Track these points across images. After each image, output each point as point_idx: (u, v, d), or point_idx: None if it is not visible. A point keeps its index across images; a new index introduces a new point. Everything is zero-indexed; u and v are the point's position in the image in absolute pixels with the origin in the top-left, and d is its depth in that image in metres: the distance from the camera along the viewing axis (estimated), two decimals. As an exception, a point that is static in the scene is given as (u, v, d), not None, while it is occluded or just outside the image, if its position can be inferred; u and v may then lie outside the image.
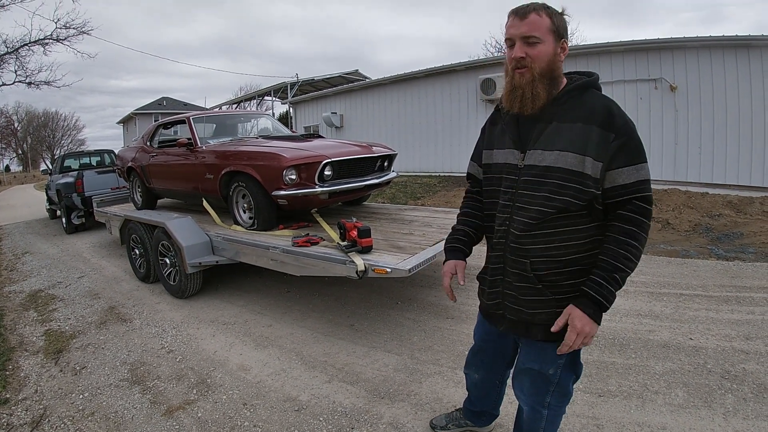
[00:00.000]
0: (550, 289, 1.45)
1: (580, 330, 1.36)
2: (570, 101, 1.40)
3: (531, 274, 1.45)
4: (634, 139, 1.34)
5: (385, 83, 13.05)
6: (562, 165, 1.35)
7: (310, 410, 2.52)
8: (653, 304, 3.72)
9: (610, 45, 8.63)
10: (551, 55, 1.37)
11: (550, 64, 1.38)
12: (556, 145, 1.37)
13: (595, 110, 1.36)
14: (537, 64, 1.36)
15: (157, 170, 5.56)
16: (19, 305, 4.73)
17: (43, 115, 50.90)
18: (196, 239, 4.22)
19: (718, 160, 7.78)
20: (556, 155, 1.36)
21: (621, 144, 1.32)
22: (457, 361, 2.94)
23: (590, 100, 1.39)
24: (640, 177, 1.33)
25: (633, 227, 1.34)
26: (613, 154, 1.32)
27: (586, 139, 1.33)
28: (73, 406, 2.72)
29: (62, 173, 9.71)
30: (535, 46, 1.36)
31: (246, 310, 4.08)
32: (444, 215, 4.71)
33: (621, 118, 1.34)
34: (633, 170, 1.33)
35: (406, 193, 9.65)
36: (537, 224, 1.41)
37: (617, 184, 1.35)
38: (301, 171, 3.91)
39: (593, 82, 1.44)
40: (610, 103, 1.38)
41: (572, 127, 1.36)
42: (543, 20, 1.35)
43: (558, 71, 1.41)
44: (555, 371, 1.55)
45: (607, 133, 1.32)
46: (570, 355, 1.52)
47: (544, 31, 1.35)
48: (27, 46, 15.62)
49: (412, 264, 2.90)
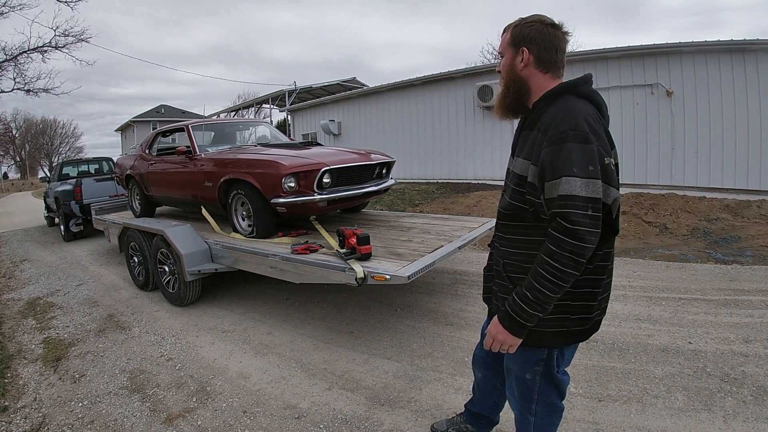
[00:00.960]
0: None
1: (493, 335, 1.45)
2: (542, 108, 1.42)
3: (504, 273, 1.54)
4: (563, 150, 1.25)
5: (383, 91, 13.10)
6: (517, 171, 1.45)
7: (311, 418, 2.52)
8: (652, 309, 3.73)
9: (606, 51, 8.69)
10: (509, 66, 1.49)
11: (510, 74, 1.49)
12: (523, 152, 1.45)
13: (548, 116, 1.35)
14: (502, 75, 1.53)
15: (156, 178, 5.56)
16: (17, 313, 4.71)
17: (42, 123, 51.02)
18: (195, 247, 4.22)
19: (715, 164, 7.82)
20: (519, 162, 1.45)
21: (547, 153, 1.29)
22: (457, 368, 2.94)
23: (554, 107, 1.36)
24: (561, 191, 1.24)
25: (552, 246, 1.27)
26: (542, 164, 1.31)
27: (533, 146, 1.38)
28: (73, 414, 2.71)
29: (61, 181, 9.71)
30: (501, 60, 1.54)
31: (245, 318, 4.07)
32: (442, 222, 4.72)
33: (558, 125, 1.28)
34: (556, 184, 1.26)
35: (404, 200, 9.66)
36: (502, 227, 1.55)
37: (547, 197, 1.31)
38: (300, 179, 3.93)
39: (568, 86, 1.40)
40: (564, 108, 1.33)
41: (530, 134, 1.42)
42: (505, 36, 1.51)
43: (524, 80, 1.47)
44: (533, 377, 1.58)
45: (543, 140, 1.33)
46: (546, 364, 1.55)
47: (504, 46, 1.51)
48: (26, 53, 15.65)
49: (411, 271, 2.90)
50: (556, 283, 1.28)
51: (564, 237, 1.24)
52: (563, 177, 1.24)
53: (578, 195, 1.22)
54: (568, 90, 1.40)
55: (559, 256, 1.25)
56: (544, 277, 1.29)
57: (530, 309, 1.33)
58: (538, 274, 1.30)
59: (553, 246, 1.26)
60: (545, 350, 1.53)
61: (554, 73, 1.45)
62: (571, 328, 1.46)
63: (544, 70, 1.44)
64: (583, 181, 1.22)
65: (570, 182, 1.23)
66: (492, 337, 1.45)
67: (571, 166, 1.23)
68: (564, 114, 1.30)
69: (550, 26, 1.43)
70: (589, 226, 1.23)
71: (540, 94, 1.44)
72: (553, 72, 1.45)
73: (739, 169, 7.61)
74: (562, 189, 1.24)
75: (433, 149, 11.98)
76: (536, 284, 1.31)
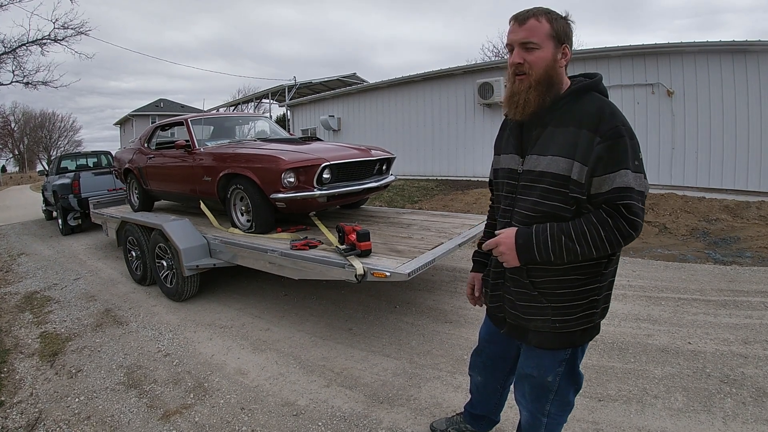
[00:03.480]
0: (546, 297, 1.45)
1: (501, 242, 1.42)
2: (567, 105, 1.38)
3: (527, 280, 1.47)
4: (621, 145, 1.27)
5: (383, 87, 13.06)
6: (553, 170, 1.35)
7: (309, 415, 2.50)
8: (651, 309, 3.72)
9: (607, 50, 8.66)
10: (549, 61, 1.35)
11: (548, 70, 1.36)
12: (549, 149, 1.36)
13: (587, 113, 1.33)
14: (534, 70, 1.36)
15: (155, 172, 5.53)
16: (14, 307, 4.68)
17: (40, 116, 50.77)
18: (194, 242, 4.20)
19: (715, 164, 7.81)
20: (549, 160, 1.36)
21: (604, 148, 1.27)
22: (456, 366, 2.93)
23: (587, 103, 1.36)
24: (618, 184, 1.26)
25: (608, 218, 1.28)
26: (596, 159, 1.28)
27: (575, 143, 1.31)
28: (69, 409, 2.69)
29: (59, 174, 9.66)
30: (533, 51, 1.35)
31: (243, 314, 4.06)
32: (442, 219, 4.70)
33: (610, 121, 1.29)
34: (613, 177, 1.27)
35: (403, 197, 9.65)
36: None
37: (599, 191, 1.30)
38: (300, 174, 3.90)
39: (594, 84, 1.41)
40: (604, 105, 1.34)
41: (565, 131, 1.34)
42: (542, 26, 1.34)
43: (557, 77, 1.39)
44: (554, 379, 1.55)
45: (593, 137, 1.29)
46: (569, 363, 1.53)
47: (542, 36, 1.34)
48: (25, 46, 15.59)
49: (411, 268, 2.89)
50: (590, 248, 1.30)
51: (623, 221, 1.26)
52: (622, 170, 1.26)
53: (633, 188, 1.26)
54: (593, 87, 1.40)
55: (609, 231, 1.27)
56: (584, 236, 1.30)
57: (550, 248, 1.34)
58: (581, 230, 1.30)
59: (609, 219, 1.27)
60: (569, 350, 1.51)
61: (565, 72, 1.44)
62: (596, 322, 1.48)
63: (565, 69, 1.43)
64: (635, 175, 1.27)
65: (627, 175, 1.26)
66: (498, 243, 1.43)
67: (627, 160, 1.27)
68: (611, 110, 1.32)
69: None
70: (642, 219, 1.28)
71: (560, 91, 1.40)
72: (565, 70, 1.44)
73: (739, 169, 7.60)
74: (620, 181, 1.26)
75: (432, 146, 11.95)
76: (573, 236, 1.31)
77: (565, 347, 1.49)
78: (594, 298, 1.43)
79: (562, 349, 1.50)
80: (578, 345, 1.50)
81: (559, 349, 1.50)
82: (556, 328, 1.45)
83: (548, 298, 1.44)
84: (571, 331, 1.45)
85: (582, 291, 1.41)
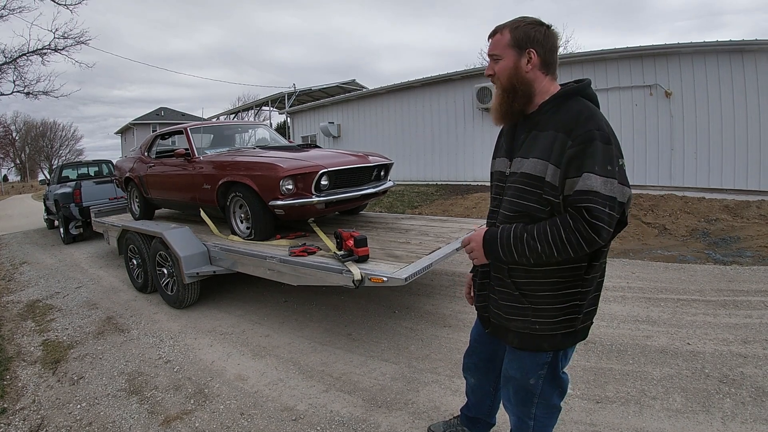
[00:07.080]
0: (527, 298, 1.47)
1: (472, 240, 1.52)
2: (552, 109, 1.42)
3: (509, 280, 1.50)
4: (590, 148, 1.28)
5: (382, 93, 13.12)
6: (529, 171, 1.40)
7: (308, 420, 2.51)
8: (650, 310, 3.72)
9: (605, 52, 8.70)
10: (511, 69, 1.44)
11: (511, 78, 1.44)
12: (532, 152, 1.41)
13: (566, 117, 1.36)
14: (500, 79, 1.47)
15: (155, 180, 5.57)
16: (16, 315, 4.71)
17: (41, 125, 51.09)
18: (194, 249, 4.22)
19: (714, 164, 7.82)
20: (531, 163, 1.40)
21: (574, 152, 1.29)
22: (455, 370, 2.93)
23: (569, 108, 1.38)
24: (581, 187, 1.27)
25: (570, 220, 1.28)
26: (567, 162, 1.31)
27: (551, 146, 1.35)
28: (71, 416, 2.71)
29: (60, 183, 9.71)
30: (498, 62, 1.47)
31: (243, 320, 4.07)
32: (441, 224, 4.72)
33: (584, 125, 1.31)
34: (578, 180, 1.28)
35: (403, 202, 9.67)
36: None
37: (566, 194, 1.32)
38: (298, 181, 3.93)
39: (579, 89, 1.43)
40: (584, 109, 1.36)
41: (546, 135, 1.39)
42: (503, 37, 1.45)
43: (525, 83, 1.44)
44: (536, 381, 1.56)
45: (566, 140, 1.32)
46: (551, 367, 1.54)
47: (502, 47, 1.45)
48: (25, 56, 15.71)
49: (409, 273, 2.90)
50: (551, 249, 1.31)
51: (584, 224, 1.26)
52: (585, 173, 1.27)
53: (599, 192, 1.25)
54: (579, 92, 1.42)
55: (570, 233, 1.28)
56: (545, 235, 1.31)
57: (512, 246, 1.38)
58: (543, 230, 1.32)
59: (571, 221, 1.28)
60: (550, 353, 1.52)
61: (552, 75, 1.46)
62: (578, 327, 1.48)
63: (545, 72, 1.44)
64: (602, 180, 1.26)
65: (591, 178, 1.26)
66: (470, 240, 1.52)
67: (594, 164, 1.27)
68: (588, 114, 1.34)
69: (548, 27, 1.44)
70: (606, 224, 1.26)
71: (542, 96, 1.44)
72: (551, 74, 1.46)
73: (738, 169, 7.61)
74: (583, 184, 1.27)
75: (432, 151, 11.98)
76: (534, 234, 1.33)
77: (545, 350, 1.50)
78: (576, 303, 1.44)
79: (543, 352, 1.51)
80: (559, 348, 1.51)
81: (540, 352, 1.51)
82: (536, 329, 1.47)
83: (529, 299, 1.47)
84: (551, 333, 1.46)
85: (563, 294, 1.43)
